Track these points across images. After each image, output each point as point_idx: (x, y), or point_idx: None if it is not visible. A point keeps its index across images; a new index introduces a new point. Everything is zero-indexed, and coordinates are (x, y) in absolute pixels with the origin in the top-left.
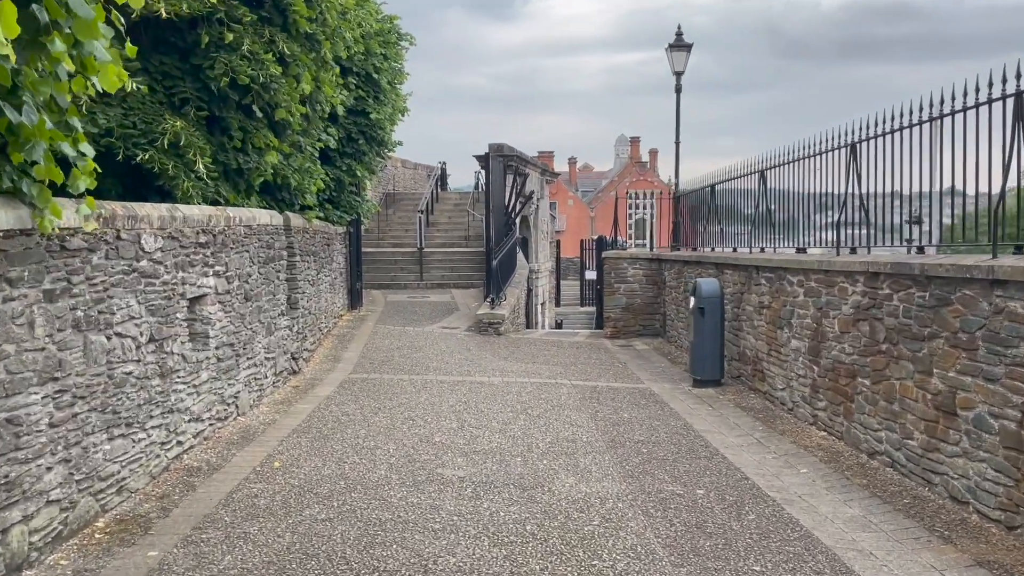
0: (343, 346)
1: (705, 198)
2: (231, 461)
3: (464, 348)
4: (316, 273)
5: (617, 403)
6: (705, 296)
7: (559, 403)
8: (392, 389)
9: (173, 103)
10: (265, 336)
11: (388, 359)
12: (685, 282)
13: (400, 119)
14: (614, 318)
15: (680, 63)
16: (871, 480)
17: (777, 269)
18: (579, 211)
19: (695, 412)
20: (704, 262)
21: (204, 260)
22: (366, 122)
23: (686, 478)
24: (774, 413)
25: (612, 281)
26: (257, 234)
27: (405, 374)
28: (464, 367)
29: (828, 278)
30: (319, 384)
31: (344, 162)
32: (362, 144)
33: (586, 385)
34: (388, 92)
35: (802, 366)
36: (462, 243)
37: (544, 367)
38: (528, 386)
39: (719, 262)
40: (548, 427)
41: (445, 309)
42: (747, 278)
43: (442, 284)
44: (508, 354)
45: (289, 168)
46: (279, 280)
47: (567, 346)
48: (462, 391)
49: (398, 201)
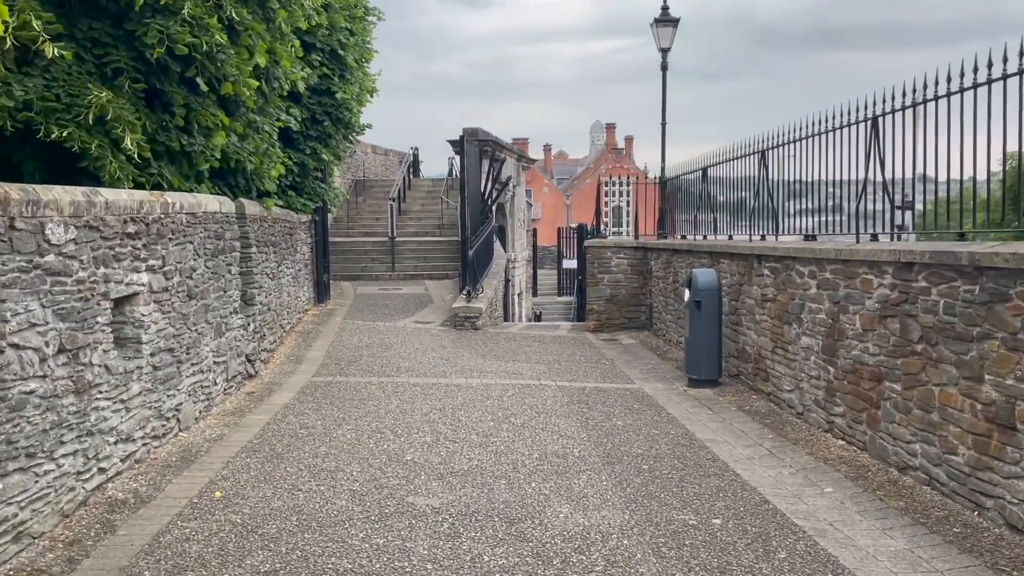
0: (307, 344)
1: (696, 182)
2: (164, 490)
3: (439, 345)
4: (276, 265)
5: (608, 408)
6: (702, 288)
7: (545, 408)
8: (359, 395)
9: (104, 74)
10: (214, 338)
11: (356, 359)
12: (674, 272)
13: (369, 100)
14: (598, 310)
15: (666, 39)
16: (909, 502)
17: (784, 259)
18: (555, 199)
19: (695, 418)
20: (697, 251)
21: (134, 253)
22: (331, 102)
23: (698, 503)
24: (782, 418)
25: (595, 271)
26: (203, 223)
27: (374, 376)
28: (439, 367)
29: (848, 269)
30: (278, 390)
31: (308, 145)
32: (327, 126)
33: (573, 386)
34: (355, 71)
35: (814, 366)
36: (436, 232)
37: (526, 366)
38: (510, 389)
39: (714, 251)
40: (535, 439)
41: (418, 302)
42: (747, 268)
43: (415, 275)
44: (486, 351)
45: (244, 151)
46: (231, 274)
47: (549, 341)
48: (437, 396)
49: (368, 188)
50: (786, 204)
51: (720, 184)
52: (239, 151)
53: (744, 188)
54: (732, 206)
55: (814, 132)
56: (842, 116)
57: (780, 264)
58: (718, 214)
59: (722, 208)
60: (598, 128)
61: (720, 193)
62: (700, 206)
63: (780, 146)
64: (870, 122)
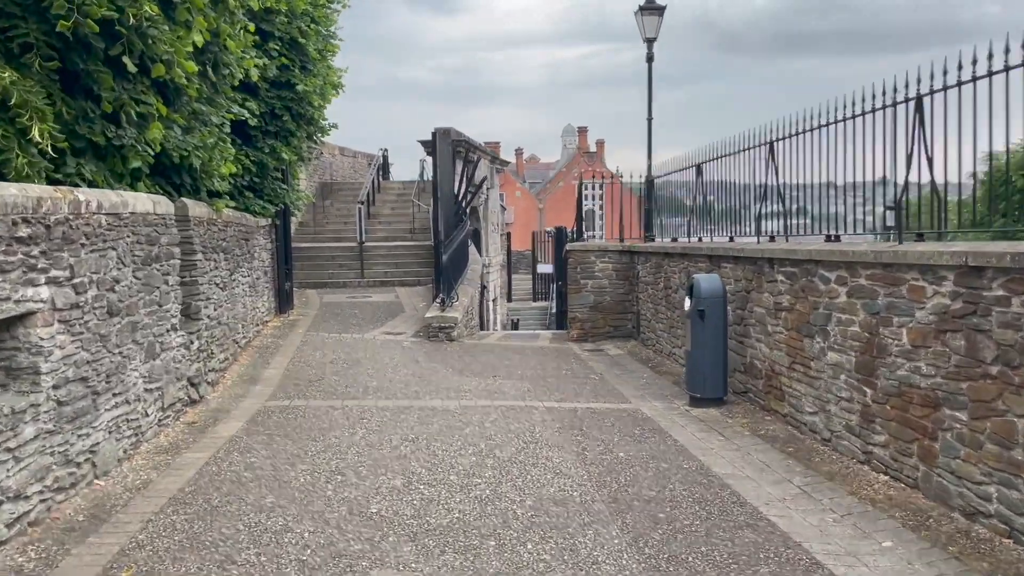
0: (264, 361)
1: (689, 180)
2: (59, 567)
3: (411, 359)
4: (229, 274)
5: (607, 434)
6: (705, 296)
7: (535, 437)
8: (319, 423)
9: (10, 50)
10: (144, 360)
11: (318, 378)
12: (666, 277)
13: (334, 95)
14: (581, 319)
15: (651, 29)
16: (995, 562)
17: (803, 263)
18: (527, 202)
19: (706, 445)
20: (693, 254)
21: (28, 263)
22: (292, 95)
23: (735, 569)
24: (805, 445)
25: (578, 277)
26: (131, 226)
27: (337, 399)
28: (412, 386)
29: (890, 274)
30: (225, 418)
31: (267, 142)
32: (288, 121)
33: (563, 407)
34: (318, 62)
35: (845, 386)
36: (407, 236)
37: (508, 382)
38: (492, 412)
39: (715, 254)
40: (526, 478)
41: (389, 311)
42: (755, 273)
43: (385, 282)
44: (464, 366)
45: (188, 145)
46: (168, 285)
47: (531, 353)
48: (409, 423)
49: (336, 191)
50: (802, 202)
51: (718, 182)
52: (182, 145)
53: (749, 184)
54: (733, 205)
55: (835, 119)
56: (874, 98)
57: (799, 269)
58: (716, 214)
59: (721, 208)
60: (570, 132)
61: (718, 191)
62: (695, 206)
63: (793, 136)
64: (913, 102)
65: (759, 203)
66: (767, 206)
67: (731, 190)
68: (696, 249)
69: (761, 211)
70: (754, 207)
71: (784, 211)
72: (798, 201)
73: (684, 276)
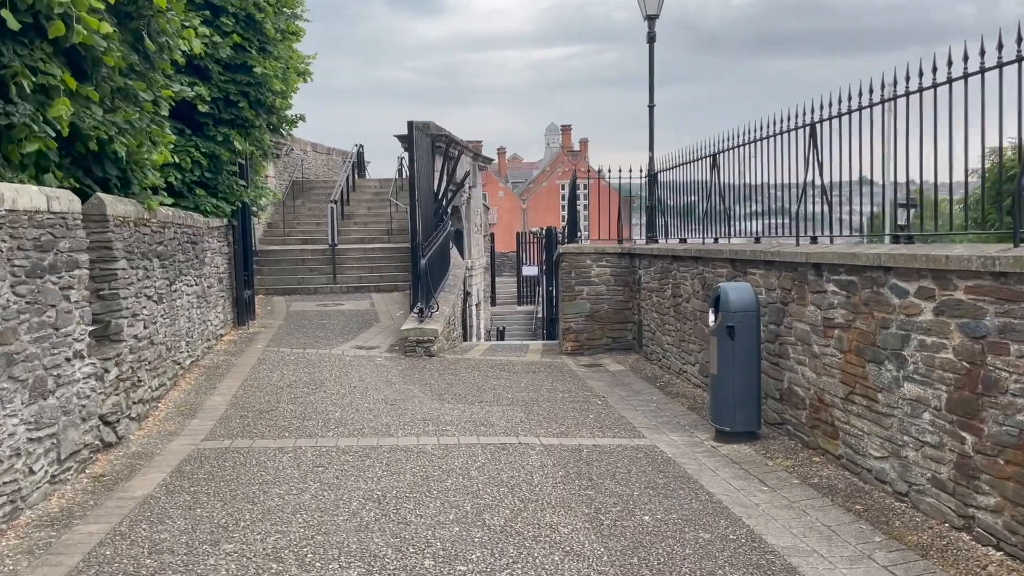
0: (211, 385)
1: (702, 173)
2: None
3: (384, 381)
4: (168, 283)
5: (623, 485)
6: (735, 309)
7: (534, 492)
8: (261, 474)
9: None
10: (29, 401)
11: (271, 407)
12: (674, 284)
13: (299, 83)
14: (576, 329)
15: (653, 6)
16: None
17: (867, 269)
18: (510, 203)
19: (749, 501)
20: (710, 258)
21: None
22: (248, 79)
23: None
24: (873, 500)
25: (572, 283)
26: (10, 226)
27: (290, 437)
28: (382, 417)
29: (1006, 287)
30: (145, 467)
31: (220, 131)
32: (244, 108)
33: (564, 445)
34: (278, 43)
35: (932, 428)
36: (384, 238)
37: (497, 409)
38: (479, 453)
39: (739, 258)
40: (528, 562)
41: (362, 321)
42: (795, 282)
43: (360, 287)
44: (444, 388)
45: (110, 127)
46: (71, 302)
47: (521, 370)
48: (376, 472)
49: (308, 190)
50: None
51: (738, 174)
52: (100, 127)
53: (780, 176)
54: (760, 201)
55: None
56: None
57: (860, 277)
58: (737, 210)
59: (745, 203)
60: (553, 130)
61: (738, 185)
62: (710, 202)
63: (841, 116)
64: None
65: (799, 199)
66: (811, 201)
67: (754, 184)
68: (715, 252)
69: (801, 208)
70: (782, 203)
71: (829, 207)
72: (840, 195)
73: (698, 283)
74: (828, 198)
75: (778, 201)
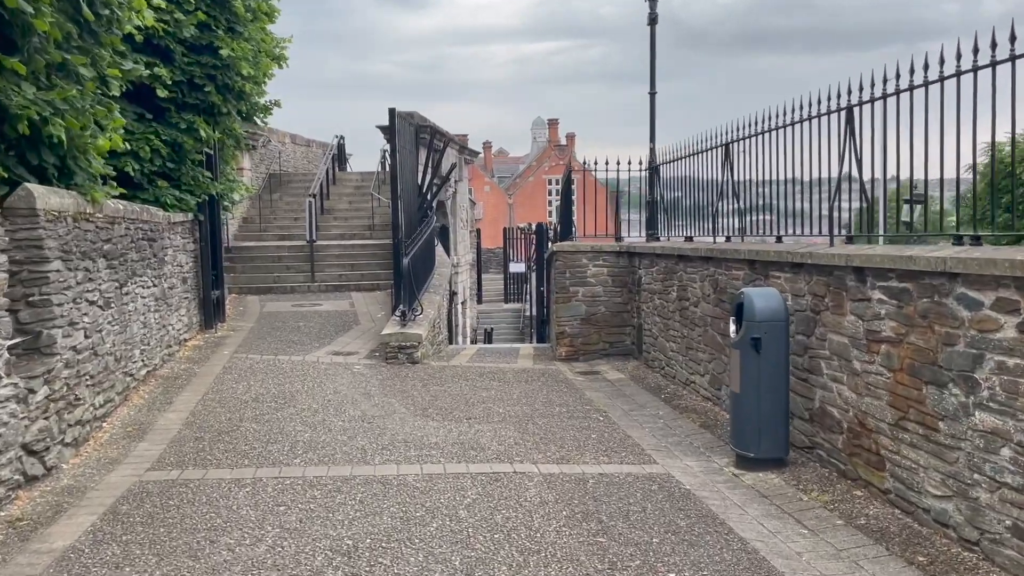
0: (167, 400)
1: (712, 165)
2: None
3: (362, 393)
4: (118, 286)
5: (638, 529)
6: (761, 319)
7: (535, 540)
8: (211, 517)
9: None
10: None
11: (232, 427)
12: (680, 286)
13: (273, 68)
14: (570, 333)
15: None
16: None
17: (925, 275)
18: (497, 198)
19: (790, 549)
20: (723, 259)
21: None
22: (215, 62)
23: None
24: (936, 547)
25: (566, 283)
26: None
27: (250, 466)
28: (358, 439)
29: None
30: (73, 507)
31: (183, 117)
32: (211, 93)
33: (565, 474)
34: (248, 24)
35: (1015, 468)
36: (365, 234)
37: (487, 428)
38: (468, 486)
39: (759, 259)
40: None
41: (340, 323)
42: (830, 287)
43: (339, 286)
44: (429, 401)
45: (44, 107)
46: None
47: (512, 378)
48: (347, 513)
49: (286, 184)
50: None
51: (755, 165)
52: (32, 106)
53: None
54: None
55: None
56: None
57: (916, 284)
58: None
59: (763, 197)
60: (540, 124)
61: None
62: (722, 196)
63: (884, 99)
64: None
65: (834, 193)
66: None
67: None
68: (730, 252)
69: (837, 203)
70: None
71: (871, 203)
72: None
73: (709, 286)
74: (868, 193)
75: (803, 196)
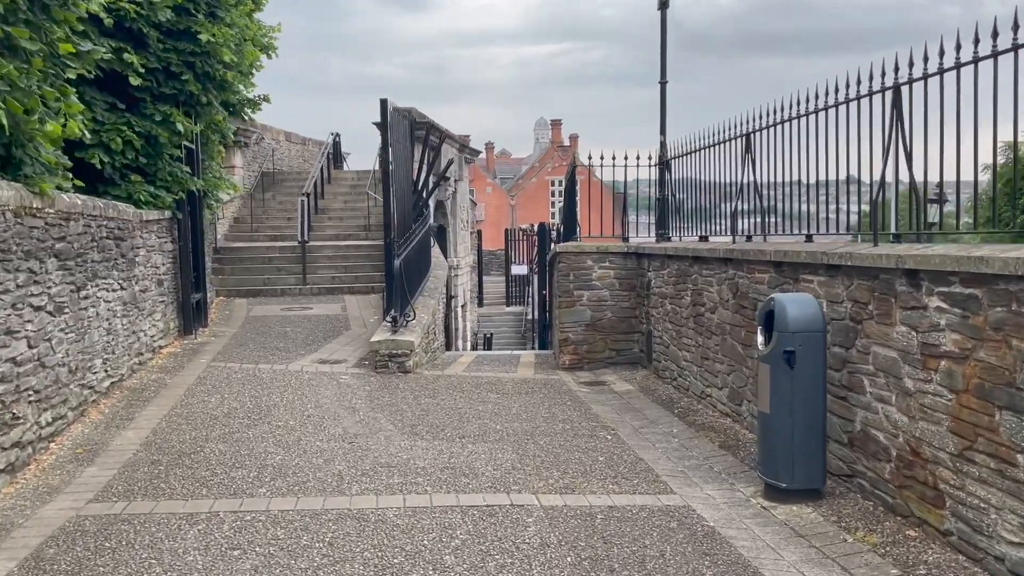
0: (129, 415)
1: (730, 158)
2: None
3: (346, 407)
4: (75, 289)
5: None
6: (796, 329)
7: None
8: (150, 564)
9: None
10: None
11: (195, 448)
12: (695, 290)
13: (260, 57)
14: (575, 340)
15: None
16: None
17: (999, 279)
18: (499, 199)
19: None
20: (745, 260)
21: None
22: (193, 48)
23: None
24: None
25: (570, 287)
26: None
27: (208, 497)
28: (335, 462)
29: None
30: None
31: (158, 109)
32: (189, 82)
33: (570, 508)
34: (231, 8)
35: None
36: (360, 234)
37: (482, 449)
38: (458, 524)
39: (787, 260)
40: None
41: (330, 328)
42: (875, 293)
43: (332, 289)
44: (419, 417)
45: None
46: None
47: (511, 390)
48: (312, 559)
49: (280, 183)
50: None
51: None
52: None
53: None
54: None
55: None
56: None
57: (987, 290)
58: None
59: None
60: (543, 125)
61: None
62: (742, 192)
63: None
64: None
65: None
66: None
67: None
68: (753, 253)
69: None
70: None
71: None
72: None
73: (728, 290)
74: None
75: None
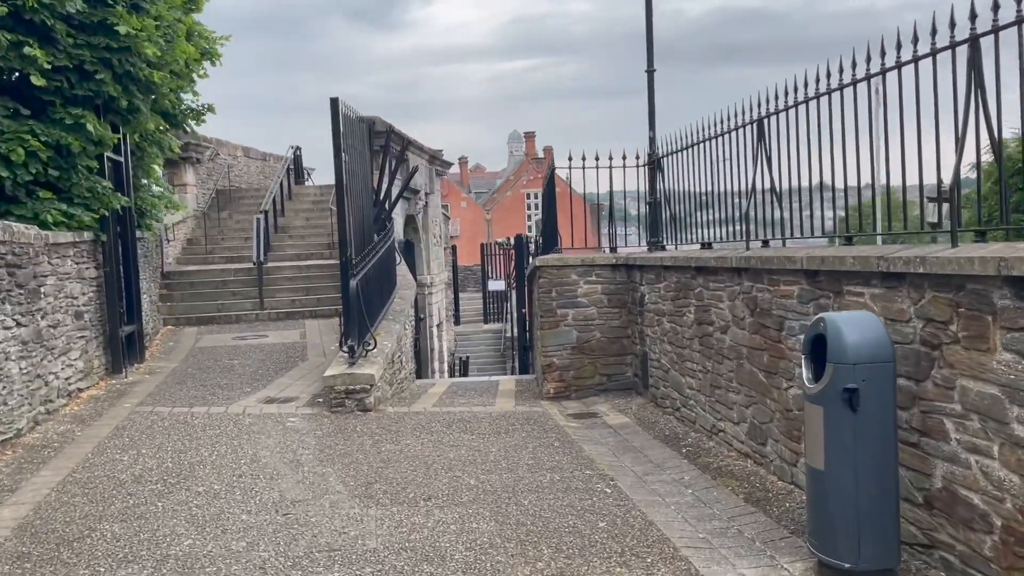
0: (12, 485)
1: (735, 151)
2: None
3: (290, 461)
4: None
5: None
6: (857, 360)
7: None
8: None
9: None
10: None
11: (83, 532)
12: (700, 306)
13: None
14: (559, 365)
15: None
16: None
17: None
18: (474, 214)
19: None
20: (764, 270)
21: None
22: (110, 42)
23: None
24: None
25: (554, 305)
26: None
27: None
28: (260, 548)
29: None
30: None
31: (69, 112)
32: (107, 83)
33: None
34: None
35: None
36: (324, 253)
37: (452, 516)
38: None
39: (824, 268)
40: None
41: (284, 358)
42: (958, 309)
43: (292, 313)
44: (376, 472)
45: None
46: None
47: (488, 430)
48: None
49: (237, 200)
50: None
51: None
52: None
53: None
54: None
55: None
56: None
57: None
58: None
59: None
60: (516, 138)
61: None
62: (756, 189)
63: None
64: None
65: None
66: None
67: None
68: (778, 261)
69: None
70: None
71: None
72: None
73: (743, 306)
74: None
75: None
